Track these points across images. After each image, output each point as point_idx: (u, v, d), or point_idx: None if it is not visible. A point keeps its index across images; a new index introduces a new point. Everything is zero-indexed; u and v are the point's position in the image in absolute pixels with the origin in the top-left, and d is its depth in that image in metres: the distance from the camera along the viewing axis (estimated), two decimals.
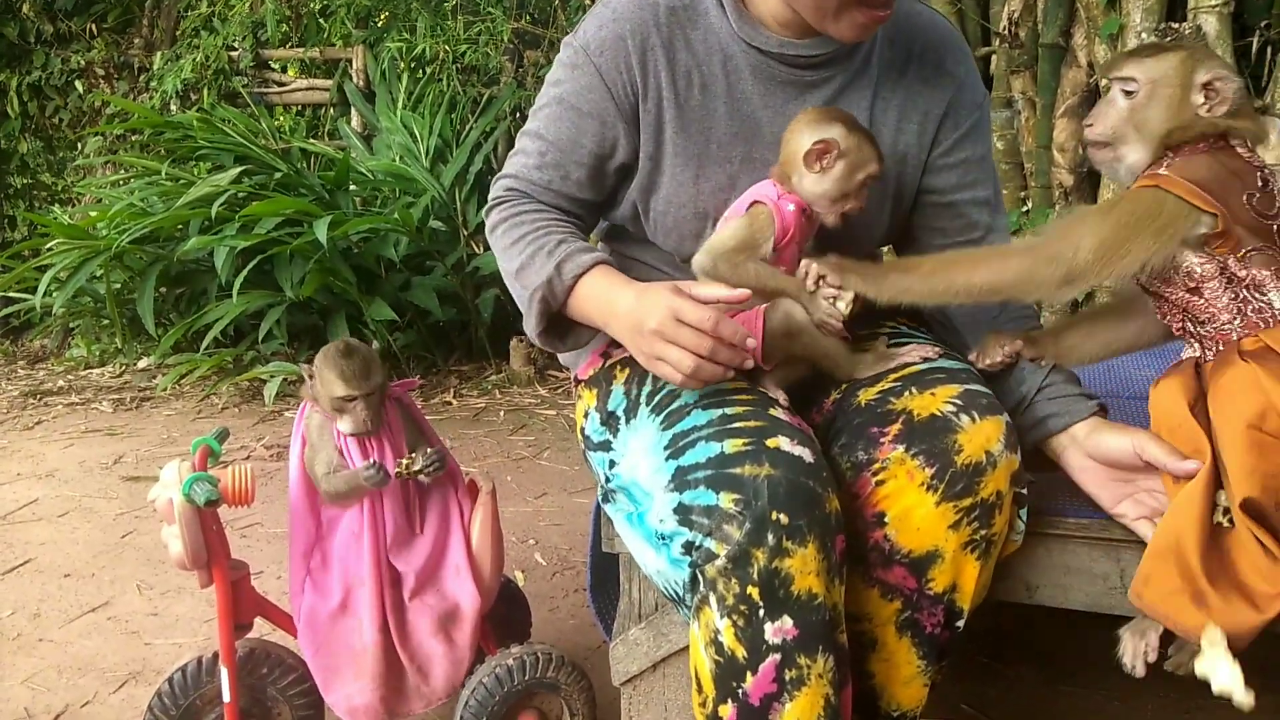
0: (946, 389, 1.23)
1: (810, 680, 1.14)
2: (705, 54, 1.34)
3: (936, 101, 1.38)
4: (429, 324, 4.24)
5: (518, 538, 2.65)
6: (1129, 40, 2.91)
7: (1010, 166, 3.41)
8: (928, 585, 1.22)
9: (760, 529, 1.12)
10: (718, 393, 1.26)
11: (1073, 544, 1.31)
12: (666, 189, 1.37)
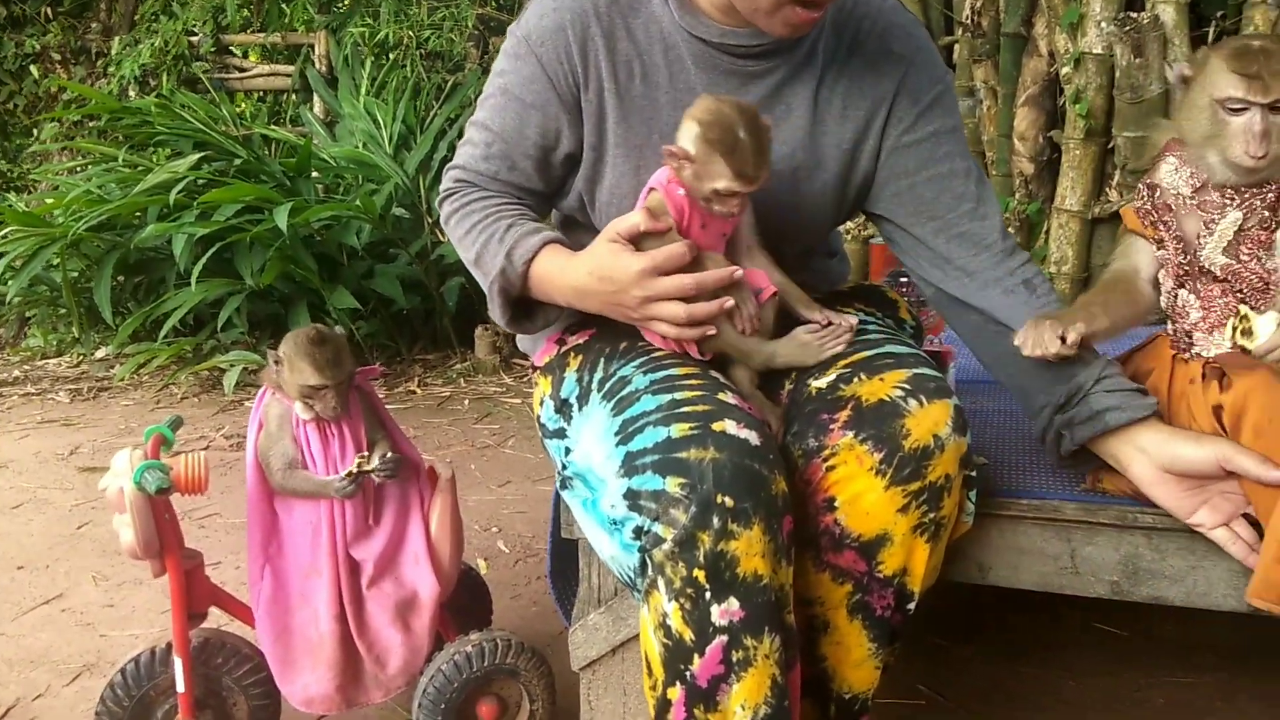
0: (895, 374, 1.24)
1: (757, 661, 1.15)
2: (647, 43, 1.34)
3: (885, 85, 1.37)
4: (392, 312, 4.20)
5: (481, 526, 2.64)
6: (1088, 30, 2.93)
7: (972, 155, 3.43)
8: (878, 568, 1.23)
9: (706, 512, 1.12)
10: (668, 379, 1.26)
11: (1024, 525, 1.33)
12: (610, 179, 1.37)
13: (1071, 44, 3.02)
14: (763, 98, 1.35)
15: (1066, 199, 3.09)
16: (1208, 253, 1.26)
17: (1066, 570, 1.33)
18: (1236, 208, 1.25)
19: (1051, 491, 1.34)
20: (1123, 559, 1.29)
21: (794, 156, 1.37)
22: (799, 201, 1.39)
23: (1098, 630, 1.95)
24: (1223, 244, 1.26)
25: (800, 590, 1.26)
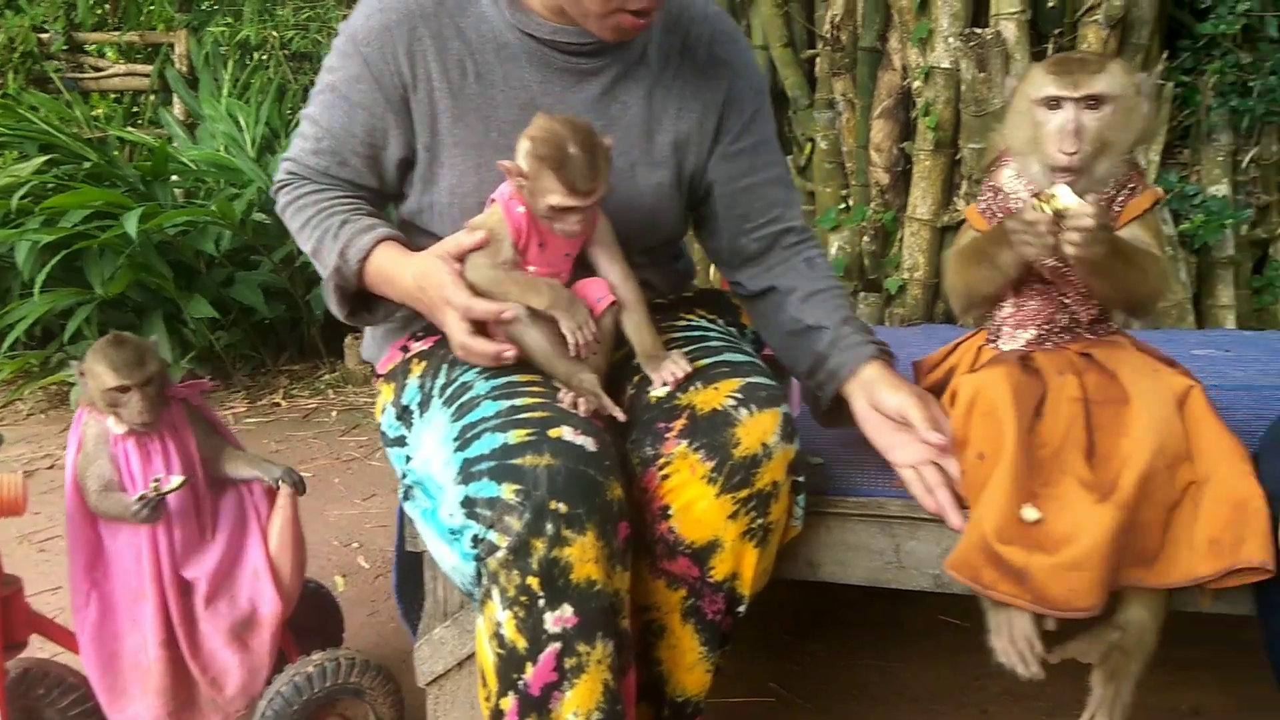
0: (729, 383, 1.27)
1: (590, 667, 1.15)
2: (478, 42, 1.34)
3: (715, 90, 1.42)
4: (255, 322, 4.07)
5: (341, 541, 2.58)
6: (936, 45, 3.06)
7: (832, 166, 3.53)
8: (709, 573, 1.25)
9: (539, 518, 1.12)
10: (510, 384, 1.26)
11: (851, 522, 1.37)
12: (447, 179, 1.36)
13: (921, 59, 3.14)
14: (597, 95, 1.37)
15: (918, 208, 3.21)
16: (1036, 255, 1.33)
17: (892, 565, 1.37)
18: None
19: (877, 489, 1.39)
20: (944, 552, 1.33)
21: (631, 153, 1.39)
22: (639, 199, 1.41)
23: (941, 622, 2.03)
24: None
25: (637, 596, 1.27)
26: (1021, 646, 1.23)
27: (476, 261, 1.27)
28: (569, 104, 1.35)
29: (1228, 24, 2.83)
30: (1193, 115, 2.99)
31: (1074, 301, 1.32)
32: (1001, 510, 1.18)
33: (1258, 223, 3.07)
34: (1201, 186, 2.99)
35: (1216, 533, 1.15)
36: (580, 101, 1.37)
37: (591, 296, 1.30)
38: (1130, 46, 2.96)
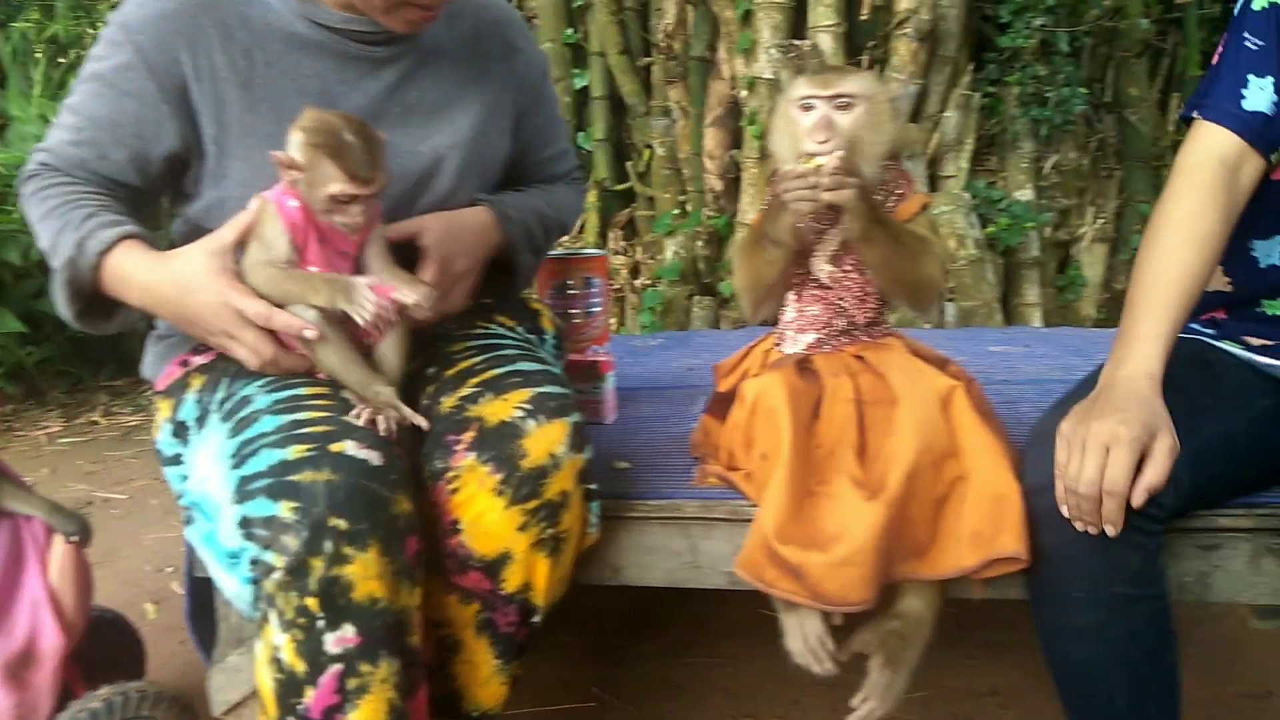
0: (519, 393, 1.26)
1: (373, 688, 1.12)
2: (266, 31, 1.31)
3: (509, 74, 1.47)
4: (70, 336, 3.83)
5: (155, 566, 2.45)
6: (759, 55, 3.14)
7: (670, 172, 3.59)
8: (501, 586, 1.25)
9: (318, 536, 1.09)
10: (293, 399, 1.22)
11: (650, 524, 1.39)
12: (239, 173, 1.32)
13: (746, 69, 3.22)
14: (394, 82, 1.37)
15: (748, 214, 3.29)
16: (816, 261, 1.38)
17: (689, 565, 1.40)
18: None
19: (674, 490, 1.41)
20: (736, 551, 1.37)
21: (430, 139, 1.39)
22: (441, 185, 1.41)
23: (761, 616, 2.07)
24: (828, 253, 1.37)
25: (431, 612, 1.26)
26: (814, 644, 1.28)
27: (254, 260, 1.22)
28: (365, 91, 1.34)
29: (1024, 38, 3.02)
30: (998, 124, 3.17)
31: (852, 305, 1.37)
32: (780, 510, 1.22)
33: (1060, 225, 3.28)
34: (1007, 192, 3.17)
35: (978, 525, 1.21)
36: (376, 89, 1.36)
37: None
38: (939, 59, 3.12)
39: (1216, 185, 1.26)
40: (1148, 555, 1.18)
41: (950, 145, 3.16)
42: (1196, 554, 1.31)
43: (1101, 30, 3.19)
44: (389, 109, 1.36)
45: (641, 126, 3.64)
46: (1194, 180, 1.27)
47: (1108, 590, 1.18)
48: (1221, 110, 1.28)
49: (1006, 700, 1.81)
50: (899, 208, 1.36)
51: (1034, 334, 2.51)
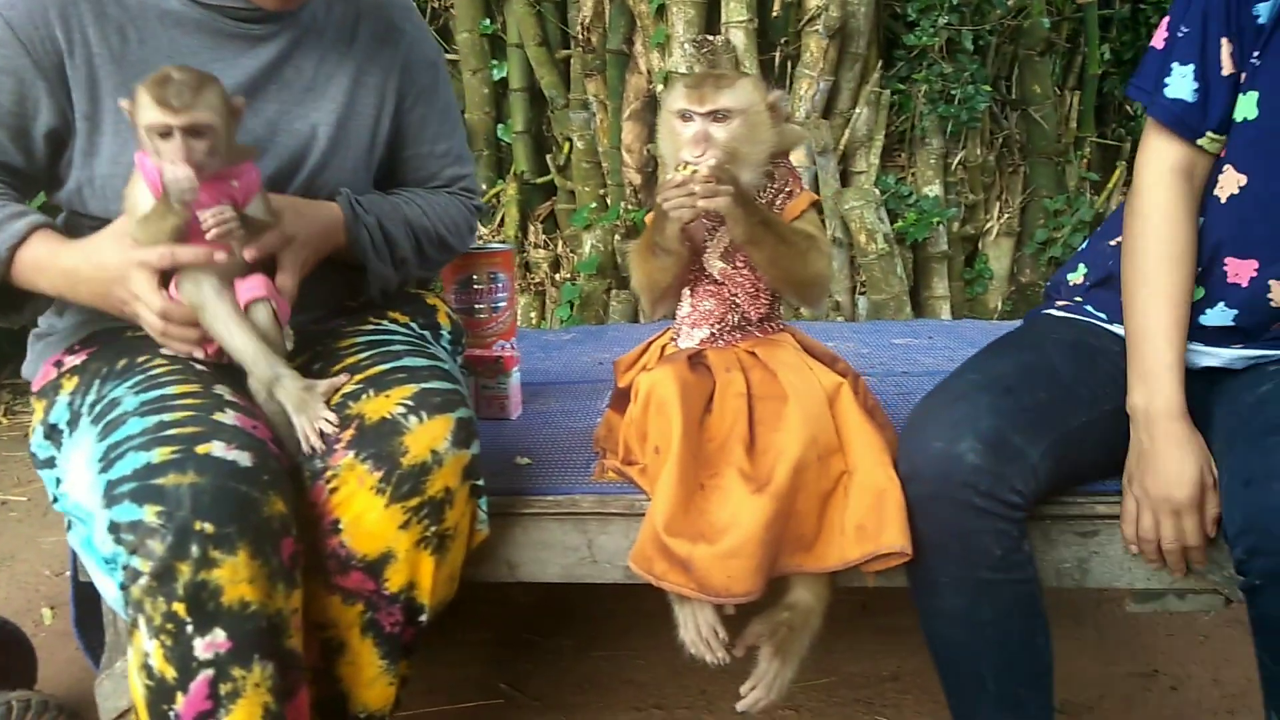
0: (402, 390, 1.25)
1: (247, 692, 1.11)
2: (139, 8, 1.30)
3: (392, 57, 1.45)
4: None
5: (53, 570, 2.38)
6: (673, 50, 3.16)
7: (590, 165, 3.58)
8: (385, 585, 1.24)
9: (183, 541, 1.07)
10: (161, 399, 1.20)
11: (546, 520, 1.40)
12: (110, 149, 1.30)
13: (661, 63, 3.24)
14: (271, 61, 1.36)
15: None
16: (708, 258, 1.39)
17: (586, 560, 1.41)
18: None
19: (572, 486, 1.42)
20: (632, 545, 1.38)
21: (309, 118, 1.39)
22: (332, 166, 1.41)
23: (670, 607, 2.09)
24: (720, 250, 1.39)
25: (314, 614, 1.24)
26: (706, 635, 1.30)
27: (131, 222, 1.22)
28: (241, 68, 1.33)
29: (930, 36, 3.08)
30: (907, 121, 3.23)
31: (744, 301, 1.39)
32: (670, 503, 1.23)
33: (967, 220, 3.36)
34: (916, 187, 3.24)
35: (862, 519, 1.25)
36: (253, 66, 1.35)
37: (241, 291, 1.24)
38: (849, 56, 3.17)
39: (1178, 197, 1.32)
40: (1010, 540, 1.22)
41: (861, 141, 3.21)
42: (1075, 540, 1.36)
43: (1006, 29, 3.28)
44: (266, 86, 1.35)
45: (561, 119, 3.62)
46: (1157, 198, 1.32)
47: (972, 575, 1.23)
48: (1156, 104, 1.33)
49: (907, 685, 1.86)
50: (787, 206, 1.38)
51: (938, 327, 2.58)
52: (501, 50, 3.67)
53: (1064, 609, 2.09)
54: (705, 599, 1.23)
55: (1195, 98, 1.31)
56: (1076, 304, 1.48)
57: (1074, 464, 1.30)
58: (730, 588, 1.21)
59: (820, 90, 3.15)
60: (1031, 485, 1.22)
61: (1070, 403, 1.30)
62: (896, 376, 1.99)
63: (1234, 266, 1.33)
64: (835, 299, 3.18)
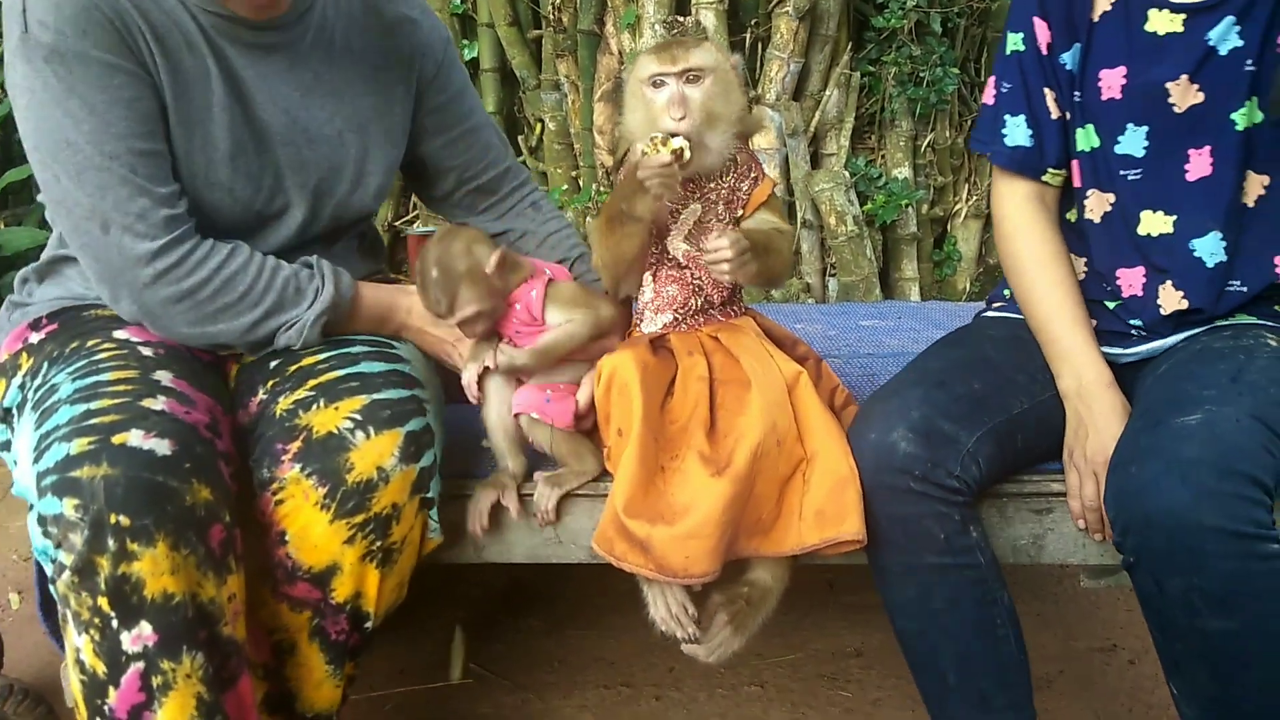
0: (352, 401, 1.24)
1: (178, 683, 1.12)
2: (175, 13, 1.28)
3: (405, 45, 1.46)
4: None
5: (21, 554, 2.37)
6: (644, 31, 3.15)
7: (562, 147, 3.57)
8: (331, 595, 1.25)
9: (99, 534, 1.07)
10: (93, 386, 1.19)
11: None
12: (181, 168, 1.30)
13: (633, 43, 3.23)
14: (287, 66, 1.35)
15: None
16: (671, 240, 1.40)
17: (551, 541, 1.42)
18: (696, 200, 1.39)
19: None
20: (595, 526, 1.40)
21: (335, 121, 1.39)
22: (348, 164, 1.42)
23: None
24: (684, 232, 1.40)
25: (264, 618, 1.26)
26: (676, 612, 1.32)
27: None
28: (263, 75, 1.33)
29: (898, 19, 3.09)
30: (877, 103, 3.25)
31: (708, 285, 1.40)
32: (630, 484, 1.25)
33: (937, 202, 3.38)
34: (886, 169, 3.26)
35: (821, 504, 1.27)
36: (273, 74, 1.34)
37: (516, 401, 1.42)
38: (819, 37, 3.17)
39: (1035, 214, 1.44)
40: (953, 524, 1.25)
41: (831, 124, 3.22)
42: (1030, 518, 1.39)
43: (974, 11, 3.29)
44: (290, 93, 1.35)
45: (533, 100, 3.61)
46: (1017, 219, 1.45)
47: (920, 561, 1.26)
48: (997, 153, 1.46)
49: (871, 661, 1.89)
50: (754, 191, 1.39)
51: (905, 308, 2.60)
52: (472, 30, 3.65)
53: (1023, 585, 2.13)
54: (664, 579, 1.25)
55: (1032, 142, 1.43)
56: (1011, 305, 1.54)
57: (1019, 449, 1.34)
58: (688, 569, 1.23)
59: (790, 72, 3.15)
60: (972, 471, 1.25)
61: (1008, 390, 1.34)
62: (862, 358, 2.01)
63: (1125, 278, 1.41)
64: (806, 280, 3.20)
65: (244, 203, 1.33)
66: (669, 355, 1.36)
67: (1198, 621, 1.15)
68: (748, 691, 1.80)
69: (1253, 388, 1.21)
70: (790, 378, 1.33)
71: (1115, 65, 1.36)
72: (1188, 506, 1.11)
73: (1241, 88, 1.30)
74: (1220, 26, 1.30)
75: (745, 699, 1.78)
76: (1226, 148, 1.33)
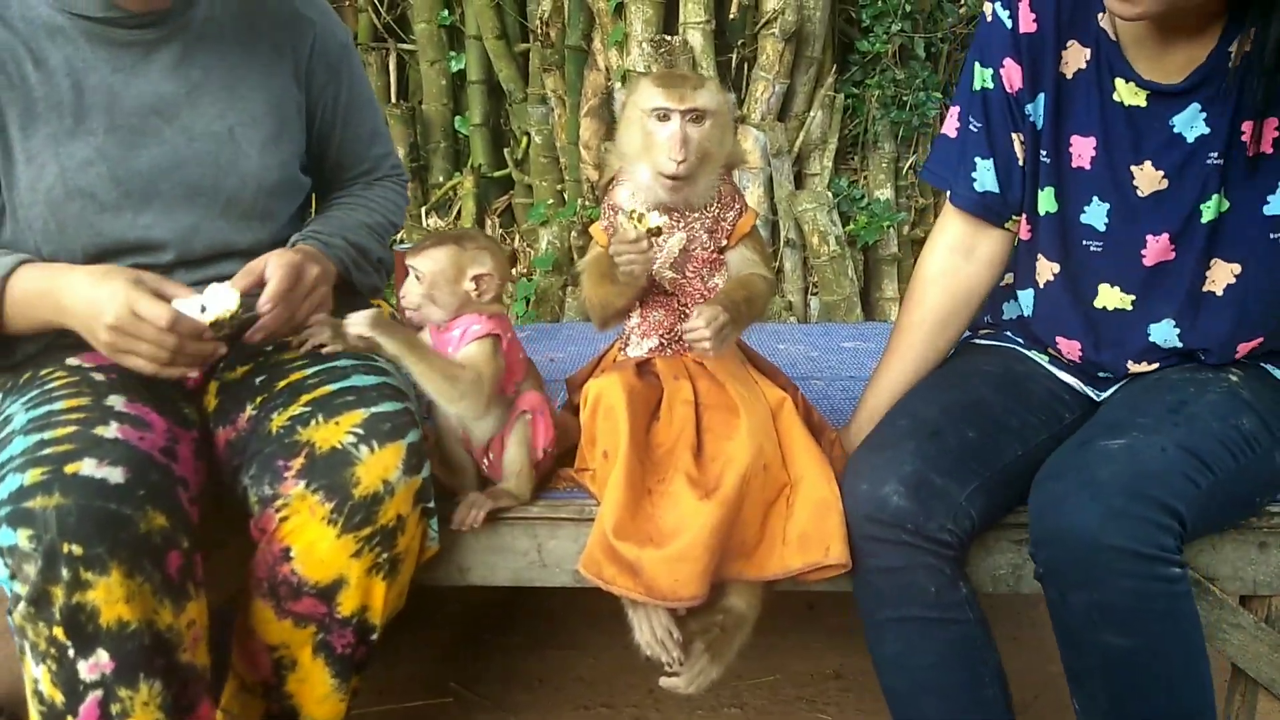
0: (351, 415, 1.25)
1: (135, 711, 1.12)
2: (28, 30, 1.27)
3: (300, 43, 1.44)
4: None
5: None
6: (631, 49, 3.17)
7: (548, 160, 3.58)
8: (337, 610, 1.25)
9: (53, 564, 1.07)
10: (46, 415, 1.19)
11: (497, 525, 1.41)
12: (26, 178, 1.27)
13: (620, 60, 3.24)
14: (173, 64, 1.33)
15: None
16: (657, 269, 1.41)
17: (535, 564, 1.42)
18: (681, 229, 1.40)
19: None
20: (580, 549, 1.40)
21: (227, 116, 1.37)
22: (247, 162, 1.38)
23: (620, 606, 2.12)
24: (669, 261, 1.41)
25: (266, 636, 1.26)
26: (661, 637, 1.32)
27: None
28: (144, 75, 1.31)
29: (882, 43, 3.12)
30: (860, 125, 3.28)
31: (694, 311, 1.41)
32: (618, 507, 1.25)
33: (918, 223, 3.42)
34: (868, 190, 3.29)
35: (805, 529, 1.28)
36: (156, 72, 1.32)
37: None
38: (805, 59, 3.20)
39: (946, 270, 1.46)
40: (943, 578, 1.25)
41: (815, 144, 3.25)
42: (1010, 548, 1.40)
43: (958, 36, 3.33)
44: (175, 91, 1.33)
45: (520, 113, 3.62)
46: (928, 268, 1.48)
47: (909, 614, 1.26)
48: (960, 195, 1.44)
49: (849, 683, 1.90)
50: (737, 224, 1.41)
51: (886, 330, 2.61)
52: (460, 42, 3.66)
53: (1000, 610, 2.15)
54: (652, 602, 1.26)
55: (999, 188, 1.41)
56: (996, 332, 1.55)
57: (1012, 495, 1.34)
58: (677, 591, 1.24)
59: (775, 93, 3.17)
60: (964, 524, 1.25)
61: (1001, 437, 1.33)
62: (844, 380, 2.03)
63: (1064, 346, 1.43)
64: (788, 299, 3.22)
65: (111, 208, 1.29)
66: (655, 379, 1.37)
67: (1098, 637, 1.18)
68: (727, 714, 1.81)
69: (1192, 419, 1.24)
70: (775, 403, 1.34)
71: (1088, 134, 1.33)
72: (1094, 524, 1.15)
73: (1209, 179, 1.27)
74: (1185, 113, 1.28)
75: None
76: (1191, 236, 1.30)
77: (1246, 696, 1.46)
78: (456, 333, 1.36)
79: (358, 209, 1.51)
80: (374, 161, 1.59)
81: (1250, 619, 1.39)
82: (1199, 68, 1.25)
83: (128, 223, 1.31)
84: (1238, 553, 1.38)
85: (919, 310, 1.48)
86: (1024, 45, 1.34)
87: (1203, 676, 1.20)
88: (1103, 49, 1.30)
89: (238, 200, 1.37)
